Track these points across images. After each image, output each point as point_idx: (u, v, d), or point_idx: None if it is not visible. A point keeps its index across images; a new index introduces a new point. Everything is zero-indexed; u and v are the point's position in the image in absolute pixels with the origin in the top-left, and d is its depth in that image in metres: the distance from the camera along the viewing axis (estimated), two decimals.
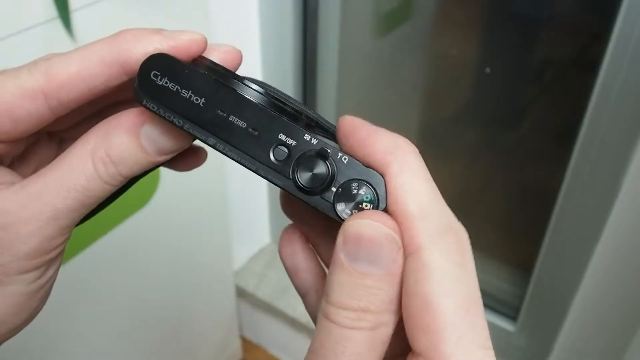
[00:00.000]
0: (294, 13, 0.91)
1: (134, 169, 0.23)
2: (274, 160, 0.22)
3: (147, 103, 0.22)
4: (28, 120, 0.23)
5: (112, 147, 0.23)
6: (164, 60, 0.22)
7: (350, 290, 0.20)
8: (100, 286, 0.79)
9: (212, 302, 1.09)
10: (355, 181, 0.21)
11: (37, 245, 0.22)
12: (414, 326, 0.19)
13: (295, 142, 0.21)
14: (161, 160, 0.24)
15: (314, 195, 0.21)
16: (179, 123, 0.22)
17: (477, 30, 0.90)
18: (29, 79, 0.22)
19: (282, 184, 0.22)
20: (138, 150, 0.23)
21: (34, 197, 0.22)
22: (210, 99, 0.22)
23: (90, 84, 0.22)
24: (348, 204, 0.21)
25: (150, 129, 0.23)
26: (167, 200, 0.81)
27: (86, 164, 0.22)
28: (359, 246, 0.20)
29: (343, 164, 0.21)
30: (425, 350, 0.19)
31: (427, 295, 0.19)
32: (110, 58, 0.22)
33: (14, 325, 0.24)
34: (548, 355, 0.91)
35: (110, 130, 0.23)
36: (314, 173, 0.21)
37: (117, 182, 0.23)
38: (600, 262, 0.78)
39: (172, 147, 0.23)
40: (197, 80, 0.22)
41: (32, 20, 0.56)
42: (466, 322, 0.19)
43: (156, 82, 0.22)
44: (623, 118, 0.69)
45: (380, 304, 0.20)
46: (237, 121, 0.22)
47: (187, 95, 0.22)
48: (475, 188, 0.99)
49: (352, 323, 0.20)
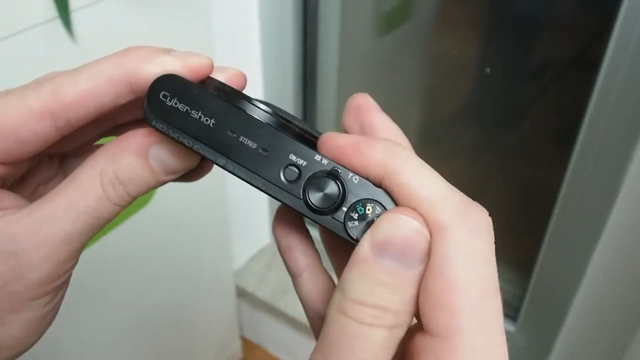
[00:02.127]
0: (294, 13, 0.91)
1: (142, 189, 0.23)
2: (284, 180, 0.22)
3: (157, 124, 0.22)
4: (34, 141, 0.22)
5: (121, 169, 0.22)
6: (173, 81, 0.22)
7: (373, 286, 0.19)
8: (100, 286, 0.79)
9: (212, 302, 1.09)
10: (366, 201, 0.21)
11: (49, 271, 0.22)
12: (435, 304, 0.19)
13: (306, 162, 0.22)
14: (169, 180, 0.24)
15: (325, 215, 0.21)
16: (189, 144, 0.22)
17: (477, 30, 0.90)
18: (36, 99, 0.22)
19: (293, 204, 0.22)
20: (147, 171, 0.23)
21: (44, 222, 0.22)
22: (220, 119, 0.22)
23: (98, 103, 0.22)
24: (360, 224, 0.21)
25: (158, 150, 0.23)
26: (167, 201, 0.81)
27: (95, 186, 0.22)
28: (389, 242, 0.19)
29: (354, 184, 0.21)
30: (444, 329, 0.19)
31: (454, 274, 0.19)
32: (119, 77, 0.22)
33: (25, 347, 0.24)
34: (548, 355, 0.91)
35: (119, 151, 0.23)
36: (325, 193, 0.21)
37: (125, 202, 0.23)
38: (600, 262, 0.78)
39: (181, 167, 0.23)
40: (207, 101, 0.22)
41: (32, 20, 0.56)
42: (490, 306, 0.19)
43: (165, 102, 0.22)
44: (623, 118, 0.69)
45: (400, 304, 0.19)
46: (247, 142, 0.22)
47: (197, 116, 0.22)
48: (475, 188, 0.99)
49: (372, 320, 0.19)
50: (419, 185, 0.20)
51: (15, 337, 0.23)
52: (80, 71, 0.22)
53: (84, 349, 0.81)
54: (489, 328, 0.19)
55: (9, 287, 0.22)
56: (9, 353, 0.23)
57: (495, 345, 0.19)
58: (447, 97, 0.97)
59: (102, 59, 0.22)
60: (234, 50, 0.90)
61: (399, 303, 0.19)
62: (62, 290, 0.24)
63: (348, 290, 0.20)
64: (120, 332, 0.87)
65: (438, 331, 0.19)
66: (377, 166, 0.21)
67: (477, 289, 0.19)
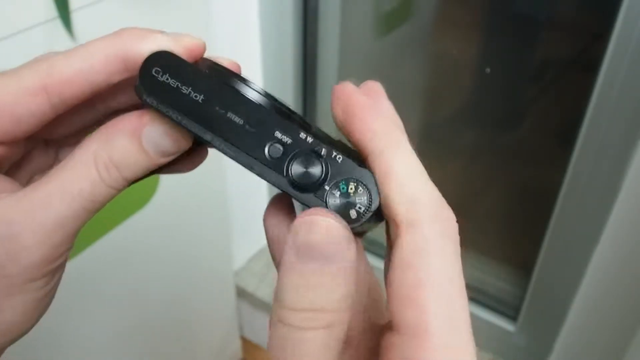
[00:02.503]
0: (294, 13, 0.91)
1: (137, 172, 0.23)
2: (268, 157, 0.22)
3: (147, 98, 0.22)
4: (30, 119, 0.23)
5: (115, 151, 0.23)
6: (166, 58, 0.22)
7: (303, 290, 0.19)
8: (100, 286, 0.79)
9: (212, 302, 1.09)
10: (350, 180, 0.21)
11: (44, 255, 0.22)
12: (403, 299, 0.19)
13: (291, 139, 0.22)
14: (163, 162, 0.24)
15: (306, 193, 0.21)
16: (177, 118, 0.22)
17: (477, 30, 0.90)
18: (31, 76, 0.22)
19: (275, 181, 0.22)
20: (140, 153, 0.23)
21: (38, 205, 0.22)
22: (209, 95, 0.22)
23: (92, 80, 0.23)
24: (341, 202, 0.21)
25: (151, 131, 0.23)
26: (167, 201, 0.81)
27: (90, 169, 0.22)
28: (310, 244, 0.19)
29: (337, 163, 0.21)
30: (411, 324, 0.19)
31: (425, 269, 0.19)
32: (114, 54, 0.22)
33: (21, 332, 0.24)
34: (548, 355, 0.91)
35: (112, 134, 0.23)
36: (307, 170, 0.21)
37: (120, 185, 0.23)
38: (600, 262, 0.78)
39: (173, 148, 0.24)
40: (198, 77, 0.22)
41: (32, 20, 0.56)
42: (459, 303, 0.19)
43: (157, 78, 0.22)
44: (623, 118, 0.69)
45: (333, 303, 0.19)
46: (235, 118, 0.22)
47: (186, 92, 0.22)
48: (475, 188, 0.99)
49: (307, 323, 0.19)
50: (403, 177, 0.20)
51: (10, 322, 0.23)
52: (75, 50, 0.23)
53: (84, 349, 0.81)
54: (458, 326, 0.19)
55: (3, 271, 0.22)
56: (4, 338, 0.23)
57: (464, 344, 0.19)
58: (447, 97, 0.97)
59: (97, 39, 0.23)
60: (234, 50, 0.90)
61: (331, 302, 0.19)
62: (57, 274, 0.24)
63: (282, 299, 0.20)
64: (120, 332, 0.87)
65: (407, 328, 0.19)
66: (371, 139, 0.21)
67: (446, 287, 0.19)
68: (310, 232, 0.20)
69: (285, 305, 0.20)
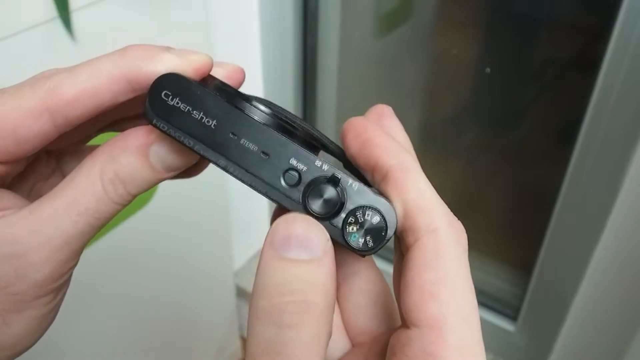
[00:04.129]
0: (294, 13, 0.91)
1: (143, 187, 0.23)
2: (284, 184, 0.22)
3: (158, 123, 0.22)
4: (33, 139, 0.22)
5: (121, 168, 0.22)
6: (175, 81, 0.22)
7: (283, 283, 0.20)
8: (100, 286, 0.79)
9: (212, 302, 1.09)
10: (365, 208, 0.21)
11: (51, 272, 0.22)
12: (424, 295, 0.20)
13: (306, 167, 0.22)
14: (169, 177, 0.24)
15: (323, 221, 0.21)
16: (190, 144, 0.22)
17: (477, 30, 0.90)
18: (33, 97, 0.22)
19: (292, 209, 0.22)
20: (147, 169, 0.23)
21: (44, 223, 0.22)
22: (222, 121, 0.22)
23: (97, 101, 0.22)
24: (358, 230, 0.21)
25: (159, 148, 0.23)
26: (167, 201, 0.81)
27: (95, 185, 0.22)
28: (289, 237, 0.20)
29: (353, 191, 0.21)
30: (431, 319, 0.20)
31: (445, 269, 0.20)
32: (119, 74, 0.22)
33: (26, 346, 0.24)
34: (548, 355, 0.91)
35: (118, 150, 0.23)
36: (324, 199, 0.21)
37: (125, 201, 0.23)
38: (600, 262, 0.78)
39: (181, 164, 0.23)
40: (209, 101, 0.22)
41: (32, 20, 0.56)
42: (472, 303, 0.20)
43: (167, 102, 0.22)
44: (623, 118, 0.69)
45: (315, 295, 0.20)
46: (249, 145, 0.22)
47: (198, 117, 0.22)
48: (475, 188, 0.99)
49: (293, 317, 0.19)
50: (423, 190, 0.21)
51: (17, 336, 0.23)
52: (79, 69, 0.22)
53: (84, 348, 0.81)
54: (472, 323, 0.20)
55: (11, 288, 0.22)
56: (11, 352, 0.23)
57: (476, 340, 0.20)
58: (447, 97, 0.97)
59: (101, 57, 0.22)
60: (234, 50, 0.90)
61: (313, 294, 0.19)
62: (63, 290, 0.24)
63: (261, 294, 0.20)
64: (120, 331, 0.87)
65: (425, 321, 0.20)
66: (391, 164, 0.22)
67: (462, 286, 0.20)
68: (289, 225, 0.20)
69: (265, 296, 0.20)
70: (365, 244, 0.21)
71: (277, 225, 0.20)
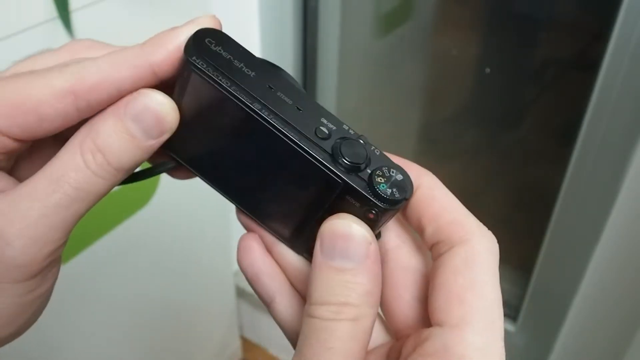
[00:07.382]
0: (294, 13, 0.91)
1: (123, 158, 0.23)
2: (316, 134, 0.23)
3: (197, 60, 0.22)
4: (54, 119, 0.22)
5: (98, 134, 0.22)
6: (217, 34, 0.23)
7: (329, 286, 0.22)
8: (100, 286, 0.79)
9: (212, 302, 1.09)
10: (389, 167, 0.23)
11: (27, 248, 0.21)
12: (453, 299, 0.21)
13: (335, 127, 0.23)
14: (152, 145, 0.23)
15: (351, 173, 0.23)
16: (227, 84, 0.22)
17: (477, 30, 0.90)
18: (60, 79, 0.22)
19: (322, 158, 0.22)
20: (124, 134, 0.22)
21: (23, 196, 0.22)
22: (261, 74, 0.23)
23: (119, 86, 0.22)
24: (385, 182, 0.23)
25: (133, 108, 0.22)
26: (167, 200, 0.81)
27: (74, 155, 0.22)
28: (333, 243, 0.22)
29: (375, 155, 0.23)
30: (457, 320, 0.21)
31: (474, 277, 0.21)
32: (142, 61, 0.22)
33: (9, 333, 0.23)
34: (548, 355, 0.91)
35: (97, 119, 0.23)
36: (354, 152, 0.23)
37: (108, 174, 0.22)
38: (600, 262, 0.78)
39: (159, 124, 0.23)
40: (249, 56, 0.23)
41: (32, 20, 0.56)
42: (498, 312, 0.21)
43: (210, 47, 0.23)
44: (623, 118, 0.69)
45: (358, 297, 0.21)
46: (284, 97, 0.23)
47: (239, 65, 0.23)
48: (475, 188, 0.99)
49: (334, 316, 0.21)
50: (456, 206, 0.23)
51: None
52: (104, 56, 0.23)
53: (84, 348, 0.81)
54: (495, 330, 0.21)
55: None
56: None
57: (498, 347, 0.21)
58: (447, 97, 0.97)
59: (125, 47, 0.23)
60: None
61: (356, 297, 0.21)
62: (48, 278, 0.23)
63: (311, 296, 0.22)
64: (120, 331, 0.87)
65: (451, 322, 0.21)
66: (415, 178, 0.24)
67: (490, 294, 0.21)
68: (333, 234, 0.22)
69: (314, 301, 0.22)
70: (392, 194, 0.22)
71: (324, 230, 0.22)
